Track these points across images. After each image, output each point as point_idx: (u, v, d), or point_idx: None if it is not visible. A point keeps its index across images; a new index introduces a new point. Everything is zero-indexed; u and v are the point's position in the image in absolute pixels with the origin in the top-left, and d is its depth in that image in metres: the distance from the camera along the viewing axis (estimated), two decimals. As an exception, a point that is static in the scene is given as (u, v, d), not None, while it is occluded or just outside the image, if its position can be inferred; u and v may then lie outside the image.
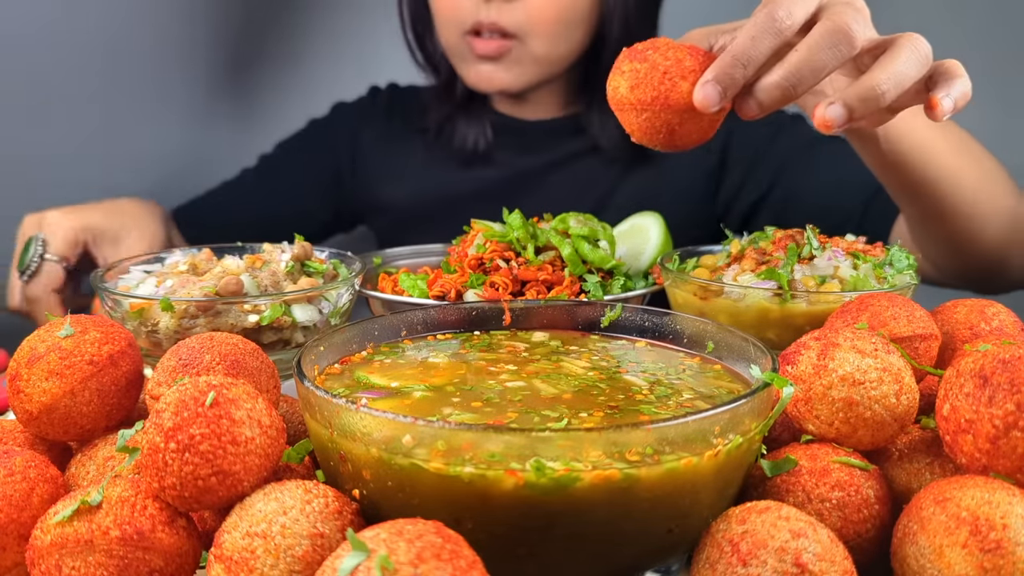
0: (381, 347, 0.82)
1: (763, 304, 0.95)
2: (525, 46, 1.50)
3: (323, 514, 0.58)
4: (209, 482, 0.60)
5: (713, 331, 0.80)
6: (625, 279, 1.09)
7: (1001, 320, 0.85)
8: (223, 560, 0.57)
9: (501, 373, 0.76)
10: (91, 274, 1.01)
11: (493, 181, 1.67)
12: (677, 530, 0.62)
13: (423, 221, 1.69)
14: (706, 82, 0.81)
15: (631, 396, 0.71)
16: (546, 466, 0.57)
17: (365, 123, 1.78)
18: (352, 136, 1.78)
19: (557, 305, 0.88)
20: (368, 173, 1.76)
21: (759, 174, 1.58)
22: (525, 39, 1.49)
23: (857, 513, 0.65)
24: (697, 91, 0.81)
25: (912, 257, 1.02)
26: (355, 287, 1.03)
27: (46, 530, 0.60)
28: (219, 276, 0.97)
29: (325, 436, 0.63)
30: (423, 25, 1.66)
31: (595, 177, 1.64)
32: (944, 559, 0.57)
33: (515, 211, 1.11)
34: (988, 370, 0.63)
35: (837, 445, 0.70)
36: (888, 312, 0.81)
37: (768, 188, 1.57)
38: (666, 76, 0.82)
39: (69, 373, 0.73)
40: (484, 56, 1.51)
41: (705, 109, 0.81)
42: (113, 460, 0.73)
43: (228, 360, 0.74)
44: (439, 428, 0.58)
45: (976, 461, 0.62)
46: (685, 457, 0.59)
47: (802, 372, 0.70)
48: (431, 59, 1.69)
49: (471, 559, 0.52)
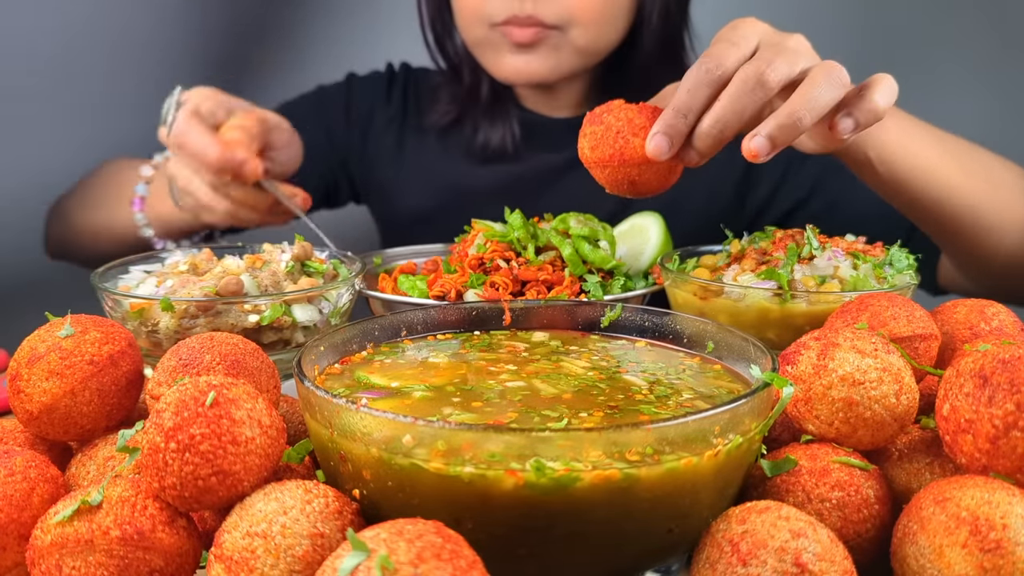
0: (381, 347, 0.82)
1: (763, 304, 0.95)
2: (566, 35, 1.44)
3: (323, 514, 0.58)
4: (209, 482, 0.60)
5: (713, 331, 0.80)
6: (625, 279, 1.09)
7: (1001, 320, 0.85)
8: (223, 560, 0.57)
9: (501, 373, 0.76)
10: (92, 274, 1.00)
11: (512, 177, 1.62)
12: (677, 530, 0.62)
13: (435, 213, 1.65)
14: (654, 134, 0.90)
15: (631, 396, 0.71)
16: (546, 466, 0.57)
17: (379, 102, 1.71)
18: (367, 113, 1.71)
19: (557, 305, 0.88)
20: (378, 155, 1.70)
21: (797, 180, 1.54)
22: (567, 29, 1.44)
23: (857, 513, 0.65)
24: (648, 143, 0.90)
25: (912, 257, 1.03)
26: (355, 287, 1.03)
27: (46, 530, 0.60)
28: (219, 276, 0.97)
29: (325, 436, 0.63)
30: (442, 25, 1.61)
31: None
32: (944, 559, 0.57)
33: (515, 211, 1.11)
34: (988, 370, 0.63)
35: (837, 445, 0.70)
36: (888, 312, 0.81)
37: (808, 194, 1.53)
38: (619, 135, 0.92)
39: (69, 373, 0.73)
40: (520, 44, 1.44)
41: (657, 158, 0.90)
42: (113, 460, 0.73)
43: (228, 360, 0.74)
44: (439, 428, 0.58)
45: (976, 461, 0.62)
46: (685, 457, 0.59)
47: (802, 372, 0.70)
48: (452, 61, 1.63)
49: (471, 559, 0.52)
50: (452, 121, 1.65)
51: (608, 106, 0.95)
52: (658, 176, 0.93)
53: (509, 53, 1.47)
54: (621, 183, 0.94)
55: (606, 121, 0.93)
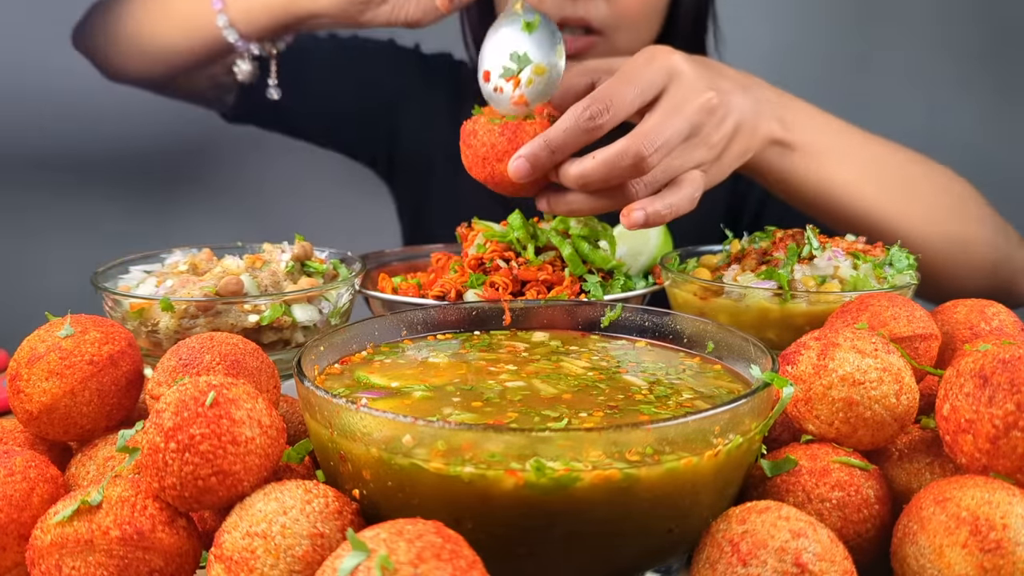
0: (381, 347, 0.82)
1: (763, 304, 0.95)
2: (609, 41, 1.44)
3: (323, 514, 0.59)
4: (209, 482, 0.60)
5: (713, 331, 0.80)
6: (625, 279, 1.09)
7: (1001, 320, 0.85)
8: (223, 560, 0.57)
9: (501, 373, 0.76)
10: (92, 275, 1.00)
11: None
12: (677, 530, 0.62)
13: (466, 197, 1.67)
14: (518, 157, 0.95)
15: (631, 396, 0.71)
16: (546, 466, 0.57)
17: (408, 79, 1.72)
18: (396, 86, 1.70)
19: (557, 305, 0.88)
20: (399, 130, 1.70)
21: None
22: (611, 34, 1.44)
23: (857, 513, 0.65)
24: (511, 164, 0.95)
25: (912, 257, 1.03)
26: (355, 287, 1.03)
27: (46, 530, 0.60)
28: (219, 276, 0.97)
29: (325, 436, 0.63)
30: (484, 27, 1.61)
31: None
32: (944, 559, 0.57)
33: (515, 211, 1.11)
34: (988, 370, 0.63)
35: (837, 445, 0.70)
36: (888, 312, 0.81)
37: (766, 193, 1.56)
38: (485, 162, 0.98)
39: (69, 373, 0.73)
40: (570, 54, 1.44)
41: (518, 180, 0.96)
42: (113, 460, 0.73)
43: (228, 360, 0.74)
44: (439, 428, 0.58)
45: (976, 461, 0.62)
46: (685, 457, 0.59)
47: (802, 372, 0.70)
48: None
49: (471, 559, 0.52)
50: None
51: (475, 125, 1.00)
52: (534, 185, 0.99)
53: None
54: (505, 191, 1.01)
55: (472, 145, 0.99)
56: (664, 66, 0.98)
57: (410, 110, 1.72)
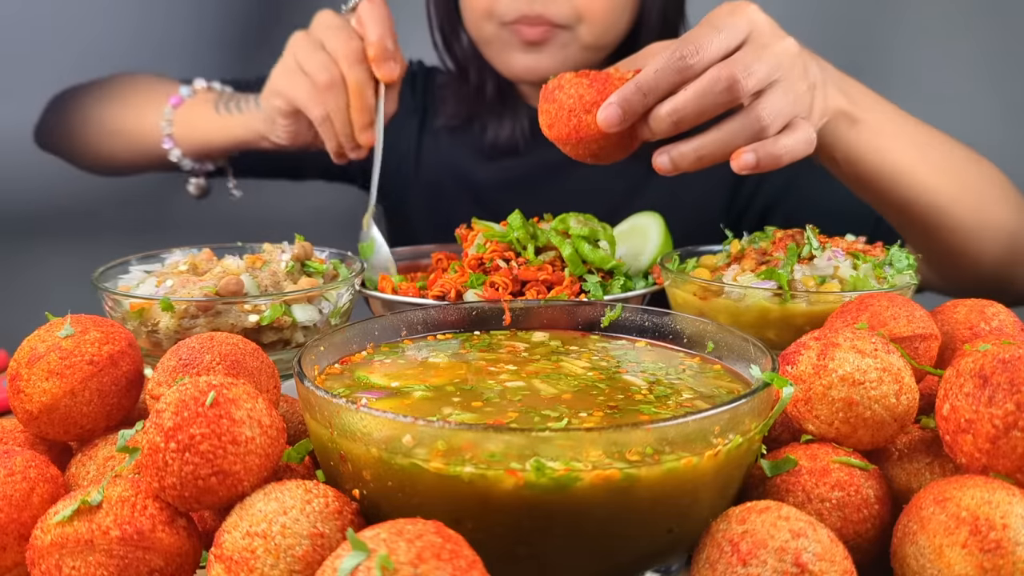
0: (381, 347, 0.82)
1: (763, 304, 0.95)
2: (573, 33, 1.46)
3: (323, 514, 0.59)
4: (209, 482, 0.60)
5: (713, 331, 0.80)
6: (625, 279, 1.09)
7: (1001, 320, 0.85)
8: (223, 560, 0.57)
9: (501, 373, 0.76)
10: (92, 274, 1.00)
11: (517, 171, 1.63)
12: (677, 530, 0.62)
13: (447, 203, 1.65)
14: (609, 104, 0.92)
15: (631, 396, 0.71)
16: (546, 466, 0.57)
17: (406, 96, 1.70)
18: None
19: (557, 305, 0.88)
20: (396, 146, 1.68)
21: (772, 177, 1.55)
22: (574, 27, 1.46)
23: (857, 513, 0.65)
24: (600, 112, 0.92)
25: (912, 257, 1.02)
26: (355, 287, 1.03)
27: (46, 530, 0.60)
28: (219, 276, 0.97)
29: (325, 436, 0.63)
30: (450, 26, 1.61)
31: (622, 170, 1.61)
32: (944, 559, 0.57)
33: (515, 211, 1.11)
34: (988, 370, 0.63)
35: (837, 445, 0.70)
36: (888, 312, 0.81)
37: (783, 192, 1.55)
38: (572, 114, 0.94)
39: (69, 373, 0.73)
40: (530, 42, 1.46)
41: (608, 129, 0.92)
42: (113, 460, 0.73)
43: (228, 360, 0.74)
44: (439, 428, 0.58)
45: (976, 461, 0.62)
46: (685, 457, 0.59)
47: (802, 372, 0.70)
48: (459, 62, 1.64)
49: (471, 559, 0.52)
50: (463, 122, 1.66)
51: (559, 80, 0.97)
52: (618, 145, 0.96)
53: (518, 51, 1.49)
54: (583, 156, 0.98)
55: (558, 99, 0.95)
56: (746, 16, 0.97)
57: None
